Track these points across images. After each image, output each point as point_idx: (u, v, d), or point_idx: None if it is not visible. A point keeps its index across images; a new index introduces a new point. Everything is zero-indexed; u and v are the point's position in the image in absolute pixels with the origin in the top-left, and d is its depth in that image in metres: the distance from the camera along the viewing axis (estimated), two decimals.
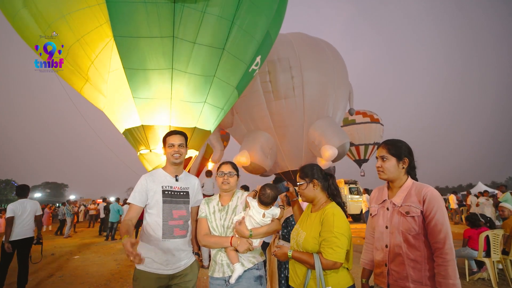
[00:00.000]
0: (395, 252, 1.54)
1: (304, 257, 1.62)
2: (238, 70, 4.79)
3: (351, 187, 14.94)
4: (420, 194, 1.52)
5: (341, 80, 9.58)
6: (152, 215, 1.92)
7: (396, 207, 1.59)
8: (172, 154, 2.01)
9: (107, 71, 4.20)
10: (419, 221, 1.49)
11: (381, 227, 1.64)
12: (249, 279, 1.81)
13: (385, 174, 1.64)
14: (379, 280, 1.62)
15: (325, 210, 1.67)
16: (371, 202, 1.79)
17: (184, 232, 1.97)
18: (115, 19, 3.72)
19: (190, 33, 4.00)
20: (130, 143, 4.91)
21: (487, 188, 19.27)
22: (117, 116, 4.69)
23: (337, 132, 8.74)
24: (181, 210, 1.98)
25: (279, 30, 5.61)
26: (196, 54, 4.18)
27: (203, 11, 3.92)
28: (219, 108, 5.03)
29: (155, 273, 1.87)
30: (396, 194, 1.61)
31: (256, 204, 1.89)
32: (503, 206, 4.90)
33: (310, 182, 1.77)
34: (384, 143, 1.68)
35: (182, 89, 4.37)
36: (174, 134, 2.08)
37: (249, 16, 4.33)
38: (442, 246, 1.42)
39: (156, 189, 1.94)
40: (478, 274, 4.56)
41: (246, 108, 9.06)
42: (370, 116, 17.04)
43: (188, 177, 2.14)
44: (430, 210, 1.47)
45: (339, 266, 1.56)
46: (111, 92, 4.45)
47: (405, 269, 1.49)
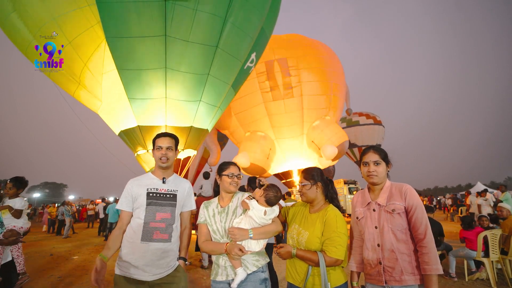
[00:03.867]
0: (387, 249, 1.65)
1: (308, 255, 1.72)
2: (232, 67, 4.75)
3: (350, 187, 15.01)
4: (401, 192, 1.69)
5: (338, 81, 9.67)
6: (136, 217, 1.88)
7: (382, 207, 1.72)
8: (159, 157, 1.96)
9: (100, 73, 4.17)
10: (404, 216, 1.66)
11: (370, 228, 1.74)
12: (255, 282, 1.80)
13: (378, 178, 1.75)
14: (375, 279, 1.69)
15: (327, 212, 1.78)
16: (356, 206, 1.88)
17: (166, 236, 1.87)
18: (106, 19, 3.68)
19: (182, 31, 3.95)
20: (126, 144, 4.90)
21: (486, 187, 19.36)
22: (112, 118, 4.67)
23: (336, 131, 8.78)
24: (166, 213, 1.90)
25: (273, 26, 5.56)
26: (189, 53, 4.13)
27: (195, 9, 3.86)
28: (215, 107, 4.98)
29: (133, 278, 1.80)
30: (379, 195, 1.75)
31: (256, 204, 1.87)
32: (501, 206, 4.92)
33: (315, 184, 1.86)
34: (374, 148, 1.81)
35: (177, 88, 4.33)
36: (162, 137, 2.02)
37: (241, 13, 4.28)
38: (424, 237, 1.59)
39: (140, 192, 1.91)
40: (476, 274, 4.57)
41: (244, 109, 9.06)
42: (373, 118, 17.16)
43: (178, 181, 2.08)
44: (411, 206, 1.65)
45: (340, 263, 1.69)
46: (105, 94, 4.42)
47: (399, 264, 1.62)
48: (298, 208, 1.99)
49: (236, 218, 1.91)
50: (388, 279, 1.64)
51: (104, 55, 3.99)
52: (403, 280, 1.60)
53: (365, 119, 17.02)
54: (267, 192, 1.87)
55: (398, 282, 1.61)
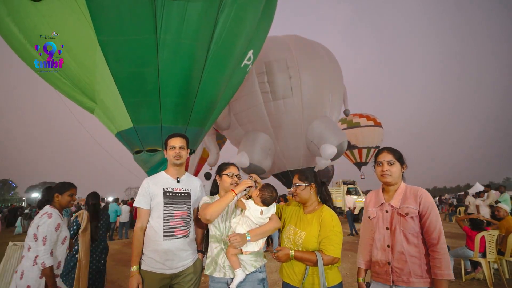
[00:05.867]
0: (397, 251, 1.66)
1: (306, 256, 1.73)
2: (227, 65, 4.64)
3: (349, 187, 15.04)
4: (416, 196, 1.69)
5: (337, 82, 9.73)
6: (154, 217, 2.00)
7: (395, 209, 1.72)
8: (173, 156, 2.09)
9: (93, 75, 4.11)
10: (417, 221, 1.66)
11: (381, 229, 1.76)
12: (253, 282, 1.83)
13: (391, 177, 1.75)
14: (383, 278, 1.72)
15: (322, 212, 1.82)
16: (368, 206, 1.90)
17: (186, 232, 2.02)
18: (97, 20, 3.62)
19: (173, 29, 3.84)
20: (124, 145, 4.89)
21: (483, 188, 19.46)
22: (108, 120, 4.64)
23: (335, 131, 8.84)
24: (183, 211, 2.04)
25: (270, 23, 5.46)
26: (181, 51, 4.05)
27: (185, 6, 3.76)
28: (212, 105, 4.91)
29: (158, 273, 1.93)
30: (393, 197, 1.76)
31: (252, 203, 1.88)
32: (499, 206, 4.94)
33: (308, 185, 1.89)
34: (388, 149, 1.81)
35: (171, 88, 4.26)
36: (175, 137, 2.15)
37: (235, 8, 4.15)
38: (437, 242, 1.59)
39: (157, 192, 2.02)
40: (471, 274, 4.60)
41: (244, 109, 9.08)
42: (373, 119, 17.25)
43: (190, 179, 2.21)
44: (426, 210, 1.64)
45: (337, 261, 1.74)
46: (99, 96, 4.38)
47: (407, 266, 1.63)
48: (293, 209, 2.01)
49: (235, 217, 1.93)
50: (395, 280, 1.65)
51: (95, 56, 3.91)
52: (411, 282, 1.61)
53: (366, 120, 17.07)
54: (263, 192, 1.89)
55: (406, 283, 1.62)
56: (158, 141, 4.51)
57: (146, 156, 4.60)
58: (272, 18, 5.45)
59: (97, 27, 3.67)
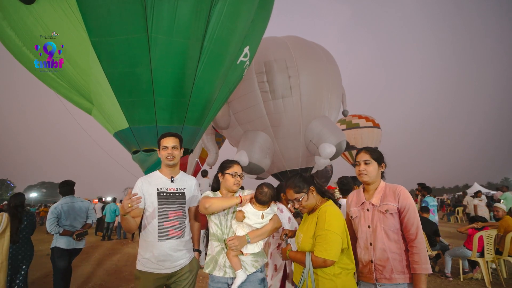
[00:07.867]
0: (379, 248, 1.69)
1: (298, 256, 1.71)
2: (222, 62, 4.55)
3: None
4: (395, 193, 1.74)
5: (335, 82, 9.78)
6: (148, 217, 1.99)
7: (375, 207, 1.76)
8: (165, 156, 2.05)
9: (89, 76, 4.08)
10: (396, 217, 1.70)
11: (363, 227, 1.78)
12: (254, 283, 1.85)
13: (367, 176, 1.79)
14: (367, 277, 1.74)
15: (319, 210, 1.72)
16: (350, 206, 1.92)
17: (180, 233, 2.01)
18: (88, 21, 3.59)
19: (164, 27, 3.78)
20: (122, 144, 4.89)
21: (481, 188, 19.65)
22: (105, 121, 4.62)
23: (334, 131, 8.88)
24: (177, 211, 2.02)
25: (267, 18, 5.34)
26: (174, 50, 3.97)
27: (176, 3, 3.68)
28: (208, 104, 4.85)
29: (153, 273, 1.94)
30: (373, 195, 1.79)
31: (251, 208, 1.86)
32: (497, 206, 4.96)
33: (308, 190, 1.73)
34: (366, 149, 1.86)
35: (165, 87, 4.21)
36: (167, 137, 2.11)
37: (228, 3, 4.05)
38: (415, 237, 1.64)
39: (151, 192, 2.00)
40: (469, 274, 4.61)
41: (243, 108, 9.10)
42: (372, 120, 17.27)
43: (184, 178, 2.17)
44: (404, 207, 1.69)
45: (330, 264, 1.56)
46: (95, 97, 4.36)
47: (389, 263, 1.66)
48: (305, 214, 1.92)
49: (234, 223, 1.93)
50: (378, 277, 1.68)
51: (89, 57, 3.88)
52: (393, 278, 1.64)
53: (365, 121, 17.08)
54: (255, 194, 1.89)
55: (388, 280, 1.65)
56: (154, 141, 4.47)
57: (143, 156, 4.59)
58: (269, 13, 5.32)
59: (89, 27, 3.63)
